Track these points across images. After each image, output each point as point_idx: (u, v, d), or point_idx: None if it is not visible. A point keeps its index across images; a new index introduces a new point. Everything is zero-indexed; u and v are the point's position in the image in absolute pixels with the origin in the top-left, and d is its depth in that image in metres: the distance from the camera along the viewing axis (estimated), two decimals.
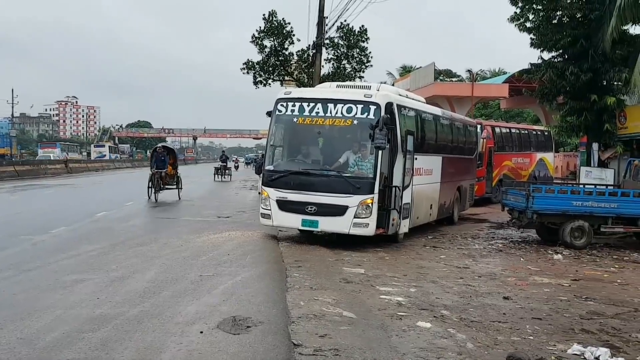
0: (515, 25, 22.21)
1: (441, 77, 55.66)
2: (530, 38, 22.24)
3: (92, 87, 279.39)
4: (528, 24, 22.07)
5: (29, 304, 7.44)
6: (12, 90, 77.90)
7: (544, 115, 48.99)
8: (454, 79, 63.58)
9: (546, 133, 31.21)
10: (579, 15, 21.62)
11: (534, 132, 31.74)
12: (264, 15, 33.58)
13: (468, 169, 19.77)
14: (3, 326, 6.50)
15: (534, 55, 51.39)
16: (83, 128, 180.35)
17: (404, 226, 13.60)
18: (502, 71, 65.49)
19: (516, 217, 15.02)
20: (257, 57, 34.80)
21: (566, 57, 22.11)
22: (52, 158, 52.27)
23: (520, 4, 22.06)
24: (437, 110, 17.24)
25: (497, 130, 26.91)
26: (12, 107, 77.63)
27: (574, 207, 14.18)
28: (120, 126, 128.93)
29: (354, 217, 12.17)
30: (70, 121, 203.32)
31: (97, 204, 20.37)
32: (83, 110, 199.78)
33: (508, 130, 28.62)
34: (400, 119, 13.12)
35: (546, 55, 22.81)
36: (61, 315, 6.98)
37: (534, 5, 21.96)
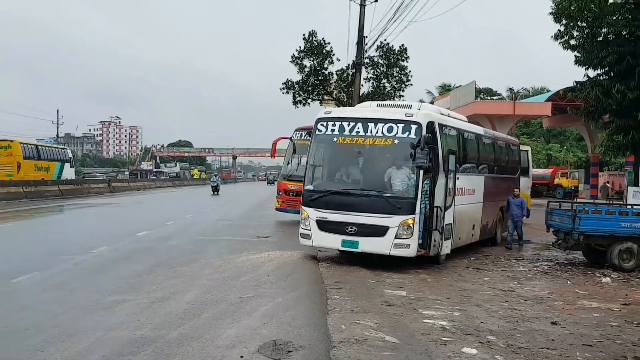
0: (560, 43, 21.90)
1: (482, 96, 55.15)
2: (575, 56, 21.92)
3: (135, 107, 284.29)
4: (572, 42, 21.77)
5: (70, 325, 7.43)
6: (57, 110, 79.71)
7: (588, 134, 48.13)
8: (494, 98, 62.96)
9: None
10: (625, 33, 21.20)
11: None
12: (304, 35, 33.87)
13: (511, 188, 19.39)
14: (44, 348, 6.49)
15: (579, 73, 50.72)
16: (125, 148, 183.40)
17: (446, 247, 13.36)
18: (544, 89, 64.65)
19: (562, 239, 14.61)
20: (296, 76, 35.01)
21: (612, 74, 21.69)
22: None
23: (564, 22, 21.76)
24: (479, 129, 16.99)
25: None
26: (58, 127, 79.32)
27: (622, 229, 13.75)
28: (162, 146, 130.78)
29: (395, 238, 11.99)
30: (113, 141, 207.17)
31: (138, 223, 20.54)
32: (126, 130, 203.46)
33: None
34: (442, 138, 12.93)
35: (591, 73, 22.42)
36: (102, 337, 6.95)
37: (579, 23, 21.65)
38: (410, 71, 34.50)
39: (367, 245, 12.29)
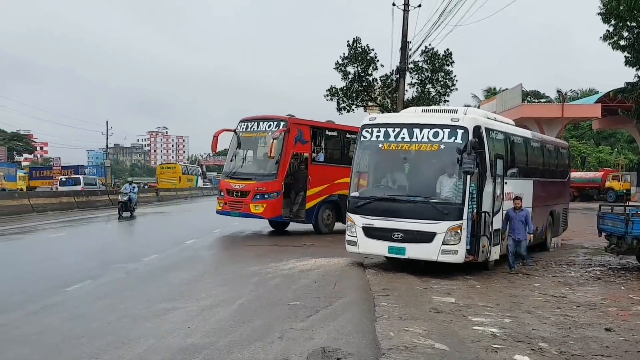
0: (609, 43, 21.45)
1: (529, 99, 54.32)
2: (625, 56, 21.44)
3: (181, 117, 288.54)
4: (622, 42, 21.28)
5: (122, 333, 7.57)
6: (107, 122, 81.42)
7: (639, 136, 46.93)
8: (542, 100, 61.99)
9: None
10: None
11: None
12: (348, 42, 33.84)
13: (561, 192, 19.08)
14: (98, 356, 6.62)
15: (629, 74, 49.56)
16: (173, 157, 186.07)
17: (495, 253, 13.18)
18: (593, 91, 63.40)
19: (614, 243, 14.26)
20: (340, 83, 35.03)
21: None
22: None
23: (613, 22, 21.31)
24: (526, 133, 16.73)
25: (325, 132, 20.86)
26: (107, 138, 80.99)
27: None
28: (208, 154, 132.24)
29: (443, 244, 11.88)
30: (161, 150, 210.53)
31: (186, 231, 20.81)
32: (173, 140, 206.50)
33: (348, 135, 20.86)
34: (489, 142, 12.78)
35: None
36: (153, 344, 7.06)
37: (628, 23, 21.18)
38: (455, 75, 34.24)
39: (414, 251, 12.21)
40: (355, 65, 34.07)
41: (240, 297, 9.76)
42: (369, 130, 13.06)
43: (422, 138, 12.37)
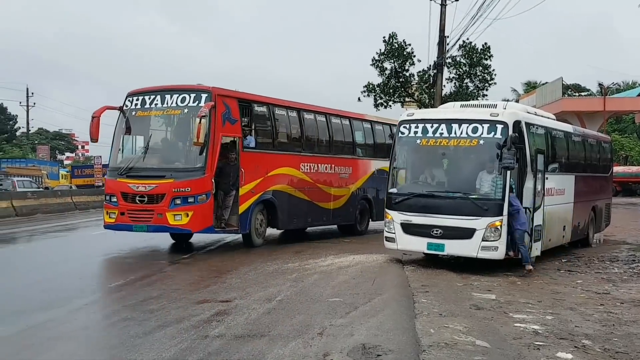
0: None
1: (569, 92, 53.45)
2: None
3: None
4: None
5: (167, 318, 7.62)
6: None
7: None
8: (583, 94, 60.91)
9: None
10: None
11: (365, 123, 20.07)
12: (384, 37, 33.71)
13: (603, 187, 18.75)
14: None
15: None
16: None
17: (536, 249, 13.02)
18: (636, 83, 61.99)
19: None
20: (376, 79, 34.93)
21: None
22: None
23: None
24: (568, 127, 16.49)
25: (255, 107, 15.51)
26: None
27: None
28: None
29: (482, 240, 11.77)
30: None
31: None
32: None
33: (285, 111, 16.65)
34: (529, 137, 12.63)
35: None
36: (195, 338, 7.12)
37: None
38: (494, 70, 33.85)
39: (454, 248, 12.14)
40: (392, 61, 33.93)
41: (278, 294, 9.81)
42: (407, 126, 13.00)
43: (461, 133, 12.27)
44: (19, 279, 11.33)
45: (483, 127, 12.09)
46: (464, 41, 32.08)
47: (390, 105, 35.27)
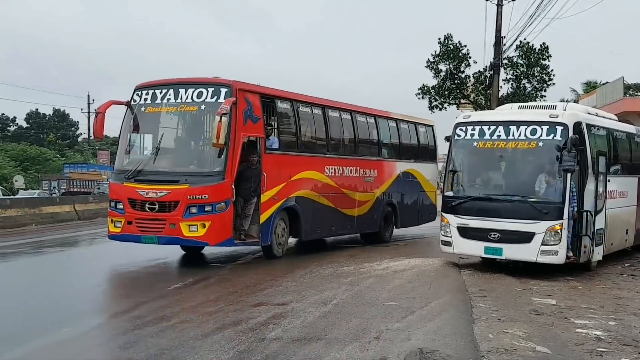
0: None
1: (631, 92, 51.93)
2: None
3: None
4: None
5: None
6: None
7: None
8: None
9: (421, 127, 19.89)
10: None
11: (390, 121, 18.34)
12: (439, 39, 33.39)
13: None
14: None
15: None
16: None
17: (597, 253, 12.70)
18: None
19: None
20: (431, 81, 34.64)
21: None
22: None
23: None
24: (630, 128, 16.05)
25: (278, 103, 13.99)
26: None
27: None
28: None
29: (542, 244, 11.55)
30: None
31: None
32: None
33: (310, 108, 15.07)
34: (590, 139, 12.34)
35: None
36: (251, 339, 7.19)
37: None
38: (552, 70, 33.15)
39: (512, 252, 11.95)
40: (447, 62, 33.59)
41: (334, 296, 9.82)
42: (463, 128, 12.87)
43: (519, 135, 12.09)
44: (88, 280, 11.65)
45: (542, 128, 11.88)
46: (520, 41, 31.51)
47: (445, 108, 34.93)
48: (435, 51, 33.69)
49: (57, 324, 8.01)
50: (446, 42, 33.33)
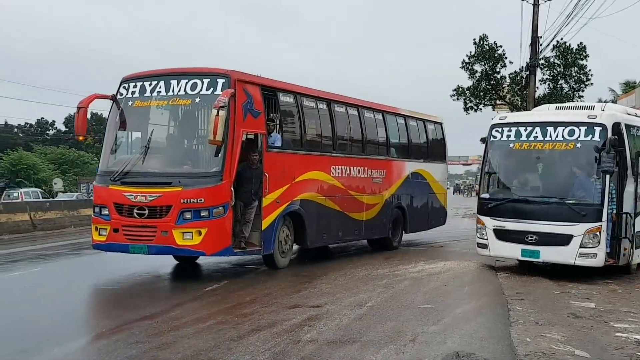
0: None
1: None
2: None
3: None
4: None
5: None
6: None
7: None
8: None
9: (430, 125, 18.80)
10: None
11: (399, 118, 17.23)
12: (474, 40, 33.14)
13: None
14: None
15: None
16: None
17: (637, 256, 12.46)
18: None
19: None
20: (466, 82, 34.40)
21: None
22: None
23: None
24: None
25: (281, 96, 12.76)
26: None
27: None
28: None
29: (580, 247, 11.38)
30: None
31: None
32: None
33: (315, 103, 13.86)
34: (630, 139, 12.12)
35: None
36: (288, 343, 7.21)
37: None
38: (590, 70, 32.67)
39: (549, 254, 11.79)
40: (483, 63, 33.32)
41: (369, 299, 9.80)
42: (499, 129, 12.75)
43: (557, 137, 11.94)
44: (126, 280, 11.80)
45: (580, 129, 11.72)
46: (557, 41, 31.11)
47: (480, 109, 34.66)
48: (470, 52, 33.47)
49: (98, 320, 8.15)
50: (481, 42, 33.08)
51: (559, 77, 32.83)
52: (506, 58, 33.26)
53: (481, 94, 34.27)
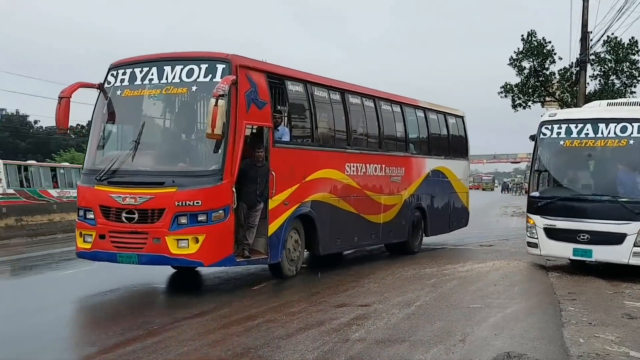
0: None
1: None
2: None
3: None
4: None
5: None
6: None
7: None
8: None
9: (451, 118, 17.56)
10: None
11: (418, 111, 15.94)
12: (522, 36, 32.62)
13: None
14: None
15: None
16: None
17: None
18: None
19: None
20: (514, 79, 33.90)
21: None
22: None
23: None
24: None
25: (289, 85, 11.50)
26: None
27: None
28: None
29: (634, 246, 11.13)
30: None
31: None
32: None
33: (327, 93, 12.53)
34: None
35: None
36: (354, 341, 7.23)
37: None
38: None
39: (602, 254, 11.55)
40: (531, 59, 32.76)
41: (417, 298, 9.74)
42: (549, 127, 12.55)
43: (609, 133, 11.71)
44: (174, 278, 11.98)
45: (633, 126, 11.48)
46: (608, 36, 30.36)
47: (529, 106, 34.10)
48: (518, 48, 32.93)
49: (149, 317, 8.29)
50: (530, 38, 32.50)
51: (610, 73, 32.06)
52: (555, 54, 32.64)
53: (530, 90, 33.70)
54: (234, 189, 9.76)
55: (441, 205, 16.67)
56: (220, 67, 9.92)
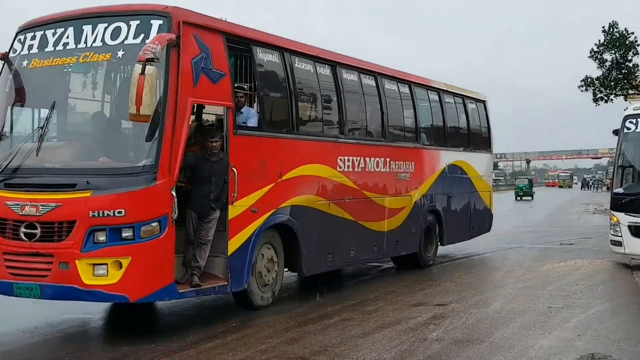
0: None
1: None
2: None
3: None
4: None
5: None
6: None
7: None
8: None
9: (471, 103, 14.84)
10: None
11: (431, 93, 13.27)
12: (603, 27, 31.62)
13: None
14: None
15: None
16: None
17: None
18: None
19: None
20: (595, 72, 32.90)
21: None
22: None
23: None
24: None
25: (259, 53, 8.71)
26: None
27: None
28: None
29: None
30: None
31: None
32: None
33: (312, 66, 9.84)
34: None
35: None
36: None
37: None
38: None
39: None
40: (613, 51, 31.70)
41: (496, 298, 9.60)
42: (634, 121, 12.17)
43: None
44: None
45: None
46: None
47: (611, 99, 33.02)
48: (599, 40, 31.94)
49: (226, 316, 8.44)
50: (611, 30, 31.49)
51: None
52: (639, 45, 31.49)
53: (612, 83, 32.65)
54: (173, 192, 7.09)
55: (460, 207, 14.00)
56: (156, 23, 7.29)
